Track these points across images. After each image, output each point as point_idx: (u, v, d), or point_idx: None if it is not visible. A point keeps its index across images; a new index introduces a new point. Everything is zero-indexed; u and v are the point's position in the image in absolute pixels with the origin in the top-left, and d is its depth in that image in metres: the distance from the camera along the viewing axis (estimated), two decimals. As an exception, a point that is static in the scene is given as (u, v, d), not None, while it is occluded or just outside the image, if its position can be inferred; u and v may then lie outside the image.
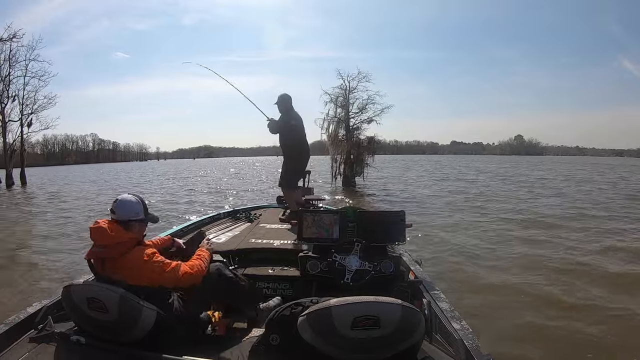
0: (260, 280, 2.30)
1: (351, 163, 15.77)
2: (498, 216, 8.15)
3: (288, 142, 3.72)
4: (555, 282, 3.97)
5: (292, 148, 3.73)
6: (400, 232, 2.14)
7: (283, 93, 3.71)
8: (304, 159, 3.84)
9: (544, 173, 24.90)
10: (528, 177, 21.01)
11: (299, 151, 3.75)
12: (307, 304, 1.26)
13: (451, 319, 1.50)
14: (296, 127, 3.67)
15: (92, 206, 10.94)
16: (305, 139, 3.81)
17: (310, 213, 2.24)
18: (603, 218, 7.72)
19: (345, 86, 16.13)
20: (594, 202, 10.21)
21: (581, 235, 6.13)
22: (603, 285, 3.87)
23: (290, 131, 3.66)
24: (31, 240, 6.66)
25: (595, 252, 5.13)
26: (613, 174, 23.34)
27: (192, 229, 3.10)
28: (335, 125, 16.23)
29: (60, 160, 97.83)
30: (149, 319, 1.32)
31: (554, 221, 7.35)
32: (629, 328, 2.99)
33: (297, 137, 3.69)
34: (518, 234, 6.34)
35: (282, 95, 3.69)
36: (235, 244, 2.67)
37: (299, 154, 3.76)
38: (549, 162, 48.85)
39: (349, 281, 1.92)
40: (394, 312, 1.12)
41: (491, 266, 4.56)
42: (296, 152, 3.74)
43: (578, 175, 22.68)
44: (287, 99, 3.68)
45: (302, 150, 3.76)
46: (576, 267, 4.48)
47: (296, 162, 3.78)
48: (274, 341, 1.26)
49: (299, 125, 3.69)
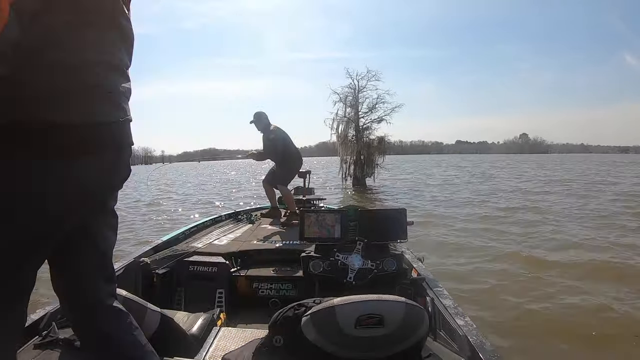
0: (262, 282, 2.30)
1: (361, 164, 15.59)
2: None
3: (272, 157, 3.97)
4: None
5: (278, 157, 3.96)
6: (402, 229, 2.14)
7: (257, 111, 3.94)
8: (292, 163, 4.03)
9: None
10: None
11: (284, 158, 3.96)
12: (310, 304, 1.25)
13: (455, 316, 1.49)
14: (275, 140, 3.86)
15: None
16: (289, 145, 3.99)
17: (312, 213, 2.23)
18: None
19: (354, 85, 15.98)
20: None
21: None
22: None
23: (272, 145, 3.86)
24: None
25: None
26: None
27: (194, 231, 3.10)
28: (345, 125, 16.06)
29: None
30: (153, 320, 1.32)
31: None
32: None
33: (280, 149, 3.88)
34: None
35: (258, 114, 3.93)
36: (237, 246, 2.67)
37: (285, 160, 3.97)
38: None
39: (351, 280, 1.92)
40: (398, 310, 1.11)
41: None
42: (281, 158, 3.96)
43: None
44: (262, 117, 3.92)
45: (287, 157, 3.96)
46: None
47: (285, 168, 3.99)
48: (278, 342, 1.25)
49: (277, 137, 3.88)
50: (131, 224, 7.94)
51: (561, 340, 2.73)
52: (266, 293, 2.28)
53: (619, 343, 2.72)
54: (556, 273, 4.13)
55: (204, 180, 24.86)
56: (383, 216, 2.21)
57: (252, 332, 1.60)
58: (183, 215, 9.25)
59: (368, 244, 2.00)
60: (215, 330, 1.58)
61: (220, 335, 1.55)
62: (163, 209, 10.65)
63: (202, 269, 2.28)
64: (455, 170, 28.59)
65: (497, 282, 3.91)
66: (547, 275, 4.07)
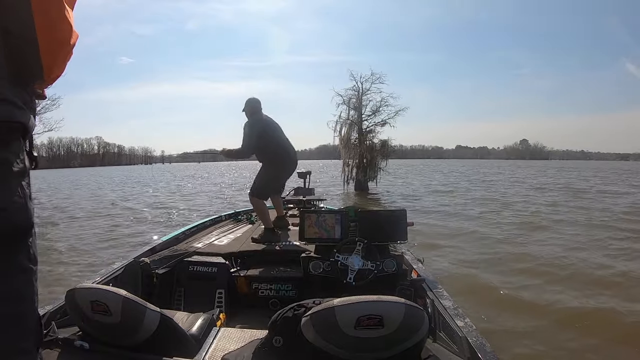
0: (262, 282, 2.29)
1: (364, 167, 15.45)
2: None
3: (247, 150, 3.10)
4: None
5: (255, 151, 3.14)
6: (402, 230, 2.14)
7: (250, 97, 3.24)
8: (276, 165, 3.20)
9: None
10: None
11: (267, 157, 3.17)
12: (310, 305, 1.25)
13: (454, 317, 1.50)
14: (251, 126, 3.07)
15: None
16: (272, 138, 3.15)
17: (312, 213, 2.23)
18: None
19: (358, 88, 15.85)
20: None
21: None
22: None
23: (246, 135, 3.09)
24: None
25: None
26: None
27: (194, 231, 3.10)
28: (348, 127, 15.92)
29: (66, 163, 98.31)
30: (152, 321, 1.31)
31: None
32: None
33: (253, 141, 3.07)
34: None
35: (248, 99, 3.21)
36: (237, 246, 2.67)
37: (267, 159, 3.19)
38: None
39: (351, 281, 1.92)
40: (397, 311, 1.11)
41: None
42: (263, 157, 3.18)
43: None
44: (251, 102, 3.18)
45: (269, 154, 3.16)
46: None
47: (266, 170, 3.20)
48: (278, 343, 1.25)
49: (255, 124, 3.09)
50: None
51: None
52: (266, 293, 2.28)
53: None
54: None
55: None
56: (383, 217, 2.21)
57: (252, 332, 1.59)
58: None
59: (368, 245, 2.00)
60: (215, 331, 1.57)
61: (220, 336, 1.55)
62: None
63: (202, 269, 2.28)
64: (461, 177, 25.75)
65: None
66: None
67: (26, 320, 0.84)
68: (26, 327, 0.83)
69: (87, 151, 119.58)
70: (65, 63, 0.91)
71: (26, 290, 0.84)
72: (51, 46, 0.83)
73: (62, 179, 33.48)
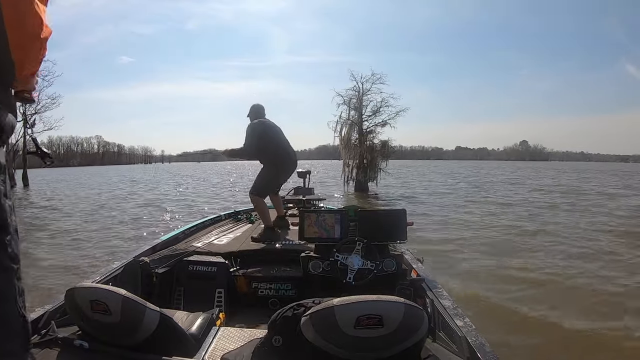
0: (262, 281, 2.29)
1: (364, 168, 15.43)
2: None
3: (248, 151, 3.27)
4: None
5: (257, 152, 3.28)
6: (402, 230, 2.14)
7: (255, 103, 3.42)
8: (275, 166, 3.29)
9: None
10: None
11: (267, 158, 3.29)
12: (310, 304, 1.25)
13: (454, 316, 1.50)
14: (252, 128, 3.22)
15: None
16: (272, 139, 3.26)
17: (311, 213, 2.23)
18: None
19: (358, 88, 15.83)
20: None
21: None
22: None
23: (248, 136, 3.22)
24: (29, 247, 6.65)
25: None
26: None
27: (194, 231, 3.10)
28: (349, 128, 15.89)
29: (65, 162, 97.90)
30: (152, 320, 1.31)
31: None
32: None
33: (254, 141, 3.20)
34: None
35: (253, 105, 3.41)
36: (236, 246, 2.66)
37: (268, 160, 3.30)
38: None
39: (351, 280, 1.92)
40: (397, 311, 1.11)
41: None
42: (264, 158, 3.31)
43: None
44: (256, 107, 3.38)
45: (269, 155, 3.26)
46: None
47: (266, 171, 3.30)
48: (277, 342, 1.25)
49: (257, 127, 3.22)
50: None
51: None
52: (265, 293, 2.28)
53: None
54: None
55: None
56: (383, 217, 2.20)
57: (252, 332, 1.59)
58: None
59: (368, 245, 2.00)
60: (215, 330, 1.57)
61: (220, 335, 1.55)
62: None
63: (201, 269, 2.28)
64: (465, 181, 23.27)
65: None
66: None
67: (9, 321, 0.82)
68: (10, 328, 0.82)
69: (87, 150, 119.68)
70: (38, 59, 0.89)
71: (7, 290, 0.82)
72: (21, 40, 0.81)
73: (77, 178, 32.26)
